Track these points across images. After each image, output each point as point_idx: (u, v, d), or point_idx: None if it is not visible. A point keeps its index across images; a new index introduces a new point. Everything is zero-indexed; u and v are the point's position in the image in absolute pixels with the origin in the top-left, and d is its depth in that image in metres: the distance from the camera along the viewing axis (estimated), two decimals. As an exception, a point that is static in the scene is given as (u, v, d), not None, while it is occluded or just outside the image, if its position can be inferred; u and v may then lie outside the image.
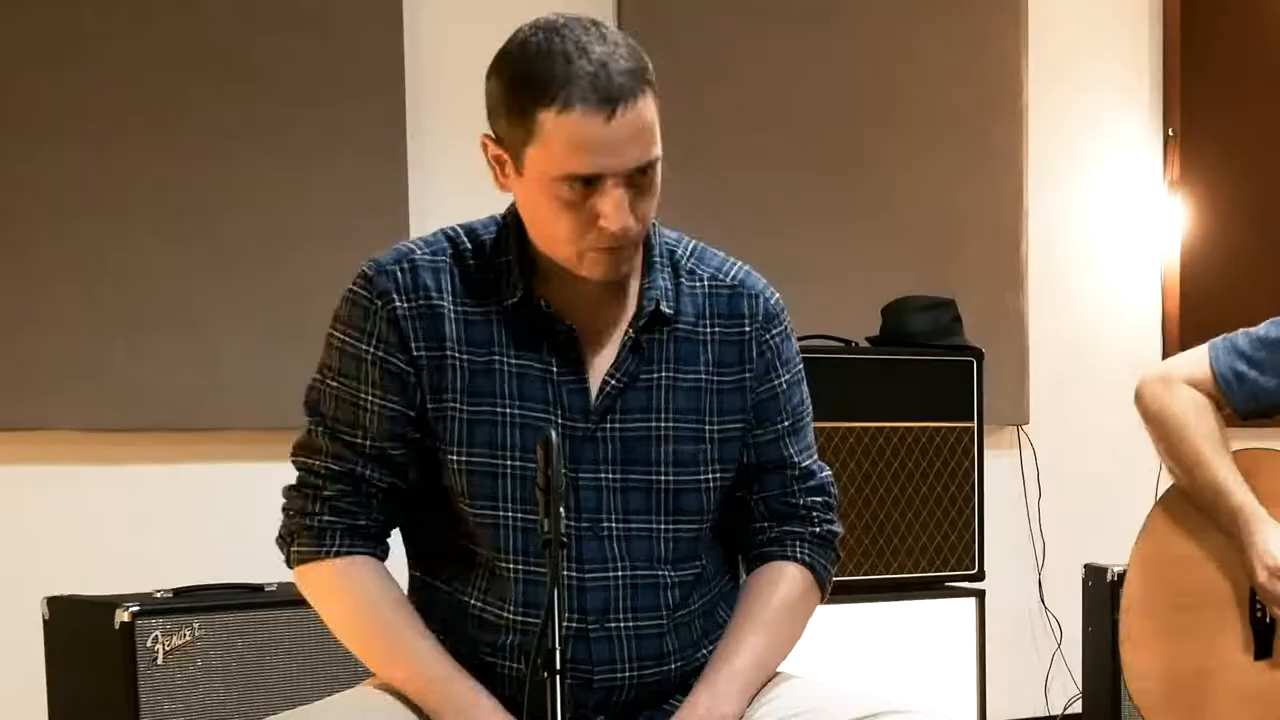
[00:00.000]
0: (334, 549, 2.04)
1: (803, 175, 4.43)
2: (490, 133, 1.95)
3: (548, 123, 1.86)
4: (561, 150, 1.87)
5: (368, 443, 2.03)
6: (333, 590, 2.06)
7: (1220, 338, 2.87)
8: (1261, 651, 2.77)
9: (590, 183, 1.89)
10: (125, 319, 3.67)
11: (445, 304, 2.01)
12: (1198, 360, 2.86)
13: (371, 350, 2.01)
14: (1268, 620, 2.76)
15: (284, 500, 2.08)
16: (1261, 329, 2.84)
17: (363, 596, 2.04)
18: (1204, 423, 2.81)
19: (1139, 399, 2.89)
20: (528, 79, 1.87)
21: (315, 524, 2.04)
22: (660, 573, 2.06)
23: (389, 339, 2.01)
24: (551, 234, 1.95)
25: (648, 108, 1.90)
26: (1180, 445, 2.82)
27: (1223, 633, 2.79)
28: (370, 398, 2.02)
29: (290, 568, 2.08)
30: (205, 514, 3.79)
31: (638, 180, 1.92)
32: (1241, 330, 2.86)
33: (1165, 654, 2.81)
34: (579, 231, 1.92)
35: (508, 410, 2.01)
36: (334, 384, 2.04)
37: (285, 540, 2.08)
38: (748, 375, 2.11)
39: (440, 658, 2.01)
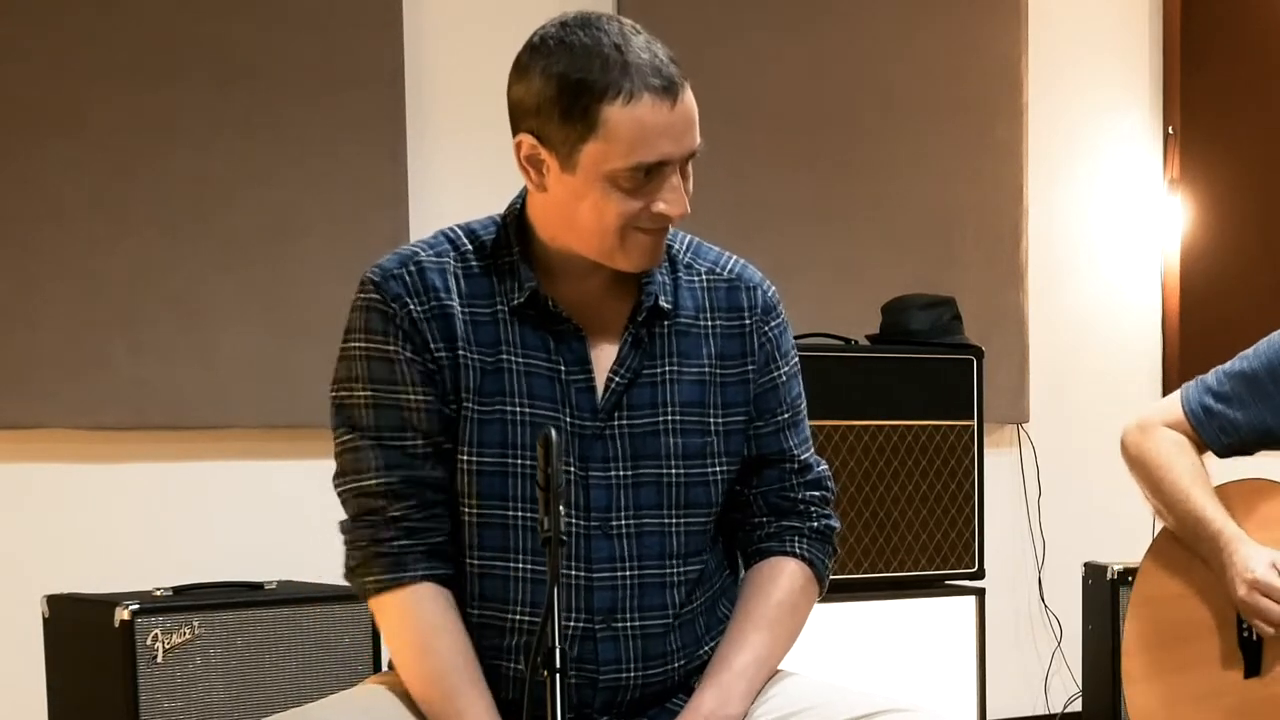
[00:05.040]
0: (414, 574, 1.98)
1: (803, 174, 4.43)
2: (526, 134, 1.93)
3: (612, 116, 1.87)
4: (628, 141, 1.87)
5: (420, 442, 1.99)
6: (402, 624, 2.00)
7: (1193, 379, 2.92)
8: (1251, 670, 2.80)
9: (650, 171, 1.90)
10: (125, 317, 3.67)
11: (454, 304, 2.00)
12: (1171, 403, 2.92)
13: (401, 351, 1.98)
14: (1254, 638, 2.79)
15: (346, 536, 2.02)
16: (1230, 364, 2.87)
17: (424, 640, 1.98)
18: (1182, 458, 2.86)
19: (1123, 449, 2.94)
20: (583, 76, 1.87)
21: (391, 550, 1.98)
22: (668, 570, 2.06)
23: (414, 339, 1.98)
24: (598, 227, 1.93)
25: (690, 93, 1.93)
26: (1161, 483, 2.86)
27: (1215, 658, 2.83)
28: (413, 396, 1.98)
29: (363, 599, 2.02)
30: (205, 513, 3.78)
31: (685, 166, 1.94)
32: (1214, 369, 2.90)
33: (1164, 688, 2.86)
34: (629, 221, 1.92)
35: (518, 410, 2.00)
36: (366, 393, 1.99)
37: (355, 571, 2.01)
38: (750, 368, 2.11)
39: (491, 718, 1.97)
